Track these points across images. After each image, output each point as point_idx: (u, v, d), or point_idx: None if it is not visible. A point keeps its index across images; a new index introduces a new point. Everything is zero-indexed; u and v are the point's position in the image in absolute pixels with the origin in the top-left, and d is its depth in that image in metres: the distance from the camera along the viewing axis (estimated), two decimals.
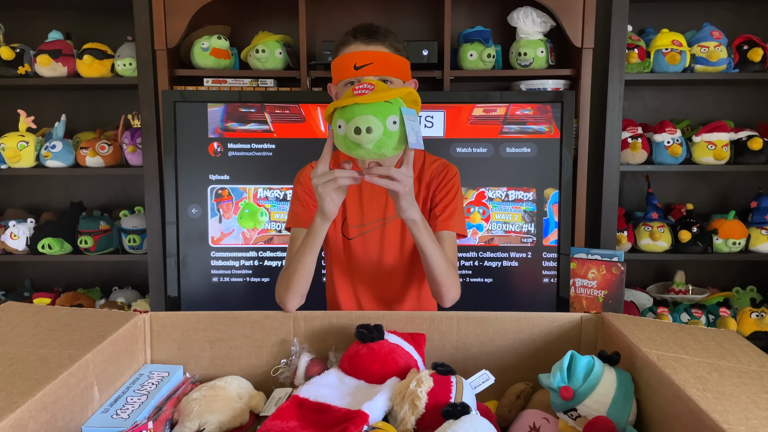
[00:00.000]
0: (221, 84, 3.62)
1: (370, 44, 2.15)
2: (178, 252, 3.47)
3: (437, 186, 2.36)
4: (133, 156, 3.72)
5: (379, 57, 2.13)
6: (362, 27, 2.19)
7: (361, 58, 2.12)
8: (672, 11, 4.02)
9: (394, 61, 2.16)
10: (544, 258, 3.47)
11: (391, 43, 2.18)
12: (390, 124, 1.73)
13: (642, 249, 3.82)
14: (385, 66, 2.14)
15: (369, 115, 1.71)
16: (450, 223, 2.30)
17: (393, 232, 2.37)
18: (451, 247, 2.27)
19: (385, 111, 1.74)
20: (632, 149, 3.69)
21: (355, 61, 2.12)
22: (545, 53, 3.62)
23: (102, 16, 4.02)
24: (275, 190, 3.45)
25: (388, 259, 2.37)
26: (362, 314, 1.84)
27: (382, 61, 2.13)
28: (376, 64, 2.12)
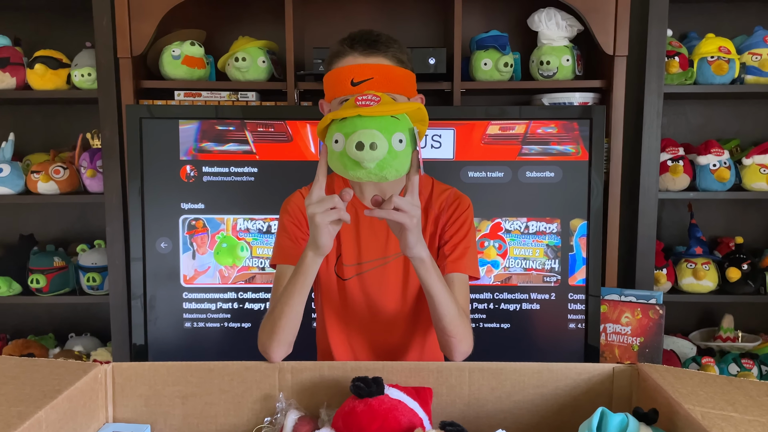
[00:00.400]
0: (195, 98, 3.62)
1: (370, 56, 2.12)
2: (144, 293, 3.45)
3: (447, 220, 2.34)
4: (92, 181, 3.71)
5: (381, 71, 2.10)
6: (360, 35, 2.17)
7: (360, 73, 2.09)
8: (719, 13, 4.02)
9: (398, 76, 2.14)
10: (569, 300, 3.45)
11: (394, 54, 2.16)
12: (396, 142, 1.74)
13: (684, 289, 3.81)
14: (388, 81, 2.11)
15: (373, 129, 1.72)
16: (461, 264, 2.28)
17: (395, 273, 2.35)
18: (462, 292, 2.25)
19: (392, 127, 1.75)
20: (672, 173, 3.69)
21: (352, 75, 2.09)
22: (571, 62, 3.63)
23: (56, 18, 4.03)
24: (258, 221, 3.45)
25: (388, 304, 2.35)
26: (358, 365, 1.83)
27: (384, 75, 2.11)
28: (376, 79, 2.08)
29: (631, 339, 3.10)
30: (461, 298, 2.22)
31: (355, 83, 2.07)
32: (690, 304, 4.15)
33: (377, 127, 1.72)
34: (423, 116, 1.88)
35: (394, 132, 1.74)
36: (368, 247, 2.35)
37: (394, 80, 2.13)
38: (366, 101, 1.74)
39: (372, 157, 1.71)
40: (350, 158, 1.73)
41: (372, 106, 1.74)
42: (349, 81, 2.08)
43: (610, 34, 3.48)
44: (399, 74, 2.14)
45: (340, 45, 2.17)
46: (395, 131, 1.75)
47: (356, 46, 2.13)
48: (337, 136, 1.76)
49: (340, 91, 2.10)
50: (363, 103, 1.74)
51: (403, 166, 1.79)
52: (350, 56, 2.13)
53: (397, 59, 2.16)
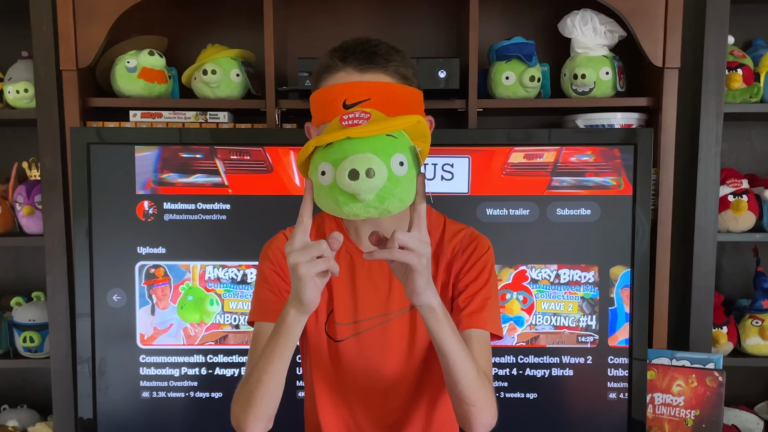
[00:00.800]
0: (154, 118, 3.58)
1: (367, 71, 2.04)
2: (93, 356, 3.39)
3: (462, 266, 2.29)
4: (29, 220, 3.69)
5: (379, 90, 2.03)
6: (355, 45, 2.09)
7: (354, 93, 2.01)
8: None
9: (401, 95, 2.07)
10: (610, 364, 3.41)
11: (396, 69, 2.08)
12: (396, 165, 1.71)
13: (748, 352, 3.77)
14: (388, 102, 2.02)
15: (368, 152, 1.67)
16: (480, 319, 2.22)
17: (399, 333, 2.30)
18: (482, 352, 2.19)
19: (389, 148, 1.72)
20: (735, 211, 3.65)
21: (344, 96, 2.01)
22: (612, 75, 3.58)
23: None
24: (231, 269, 3.40)
25: (390, 369, 2.30)
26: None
27: (383, 95, 2.03)
28: (374, 100, 2.00)
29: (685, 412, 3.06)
30: (482, 359, 2.17)
31: (349, 105, 2.00)
32: (756, 370, 4.11)
33: (372, 150, 1.68)
34: (424, 132, 1.84)
35: (393, 153, 1.71)
36: (366, 301, 2.30)
37: (395, 101, 2.05)
38: (354, 120, 1.70)
39: (370, 186, 1.66)
40: (343, 191, 1.69)
41: (362, 125, 1.70)
42: (341, 102, 2.01)
43: (659, 42, 3.44)
44: (402, 93, 2.08)
45: (331, 57, 2.10)
46: (394, 152, 1.71)
47: (350, 59, 2.06)
48: (324, 167, 1.71)
49: (331, 113, 2.01)
50: (350, 122, 1.70)
51: (407, 194, 1.75)
52: (343, 72, 2.06)
53: (400, 75, 2.09)
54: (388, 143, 1.70)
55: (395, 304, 2.27)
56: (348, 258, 2.28)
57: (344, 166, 1.65)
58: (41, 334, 3.73)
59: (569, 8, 3.62)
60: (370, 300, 2.29)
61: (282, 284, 2.25)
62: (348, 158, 1.66)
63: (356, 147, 1.67)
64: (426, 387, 2.32)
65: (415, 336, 2.28)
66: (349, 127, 1.67)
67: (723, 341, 3.71)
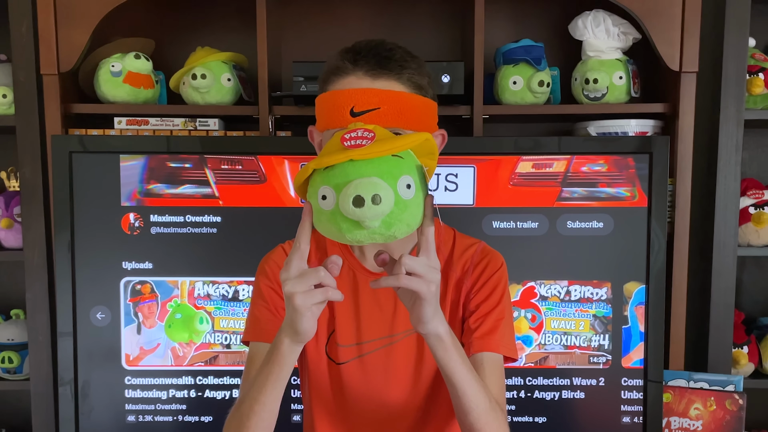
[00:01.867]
0: (140, 126, 3.57)
1: (379, 77, 1.98)
2: (75, 378, 3.38)
3: (473, 285, 2.26)
4: (7, 234, 3.71)
5: (391, 99, 1.96)
6: (368, 48, 2.04)
7: (364, 100, 1.94)
8: None
9: (414, 106, 2.01)
10: (623, 386, 3.40)
11: (410, 78, 2.01)
12: (403, 189, 1.66)
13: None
14: (399, 113, 1.97)
15: (373, 176, 1.62)
16: (492, 341, 2.18)
17: (405, 355, 2.26)
18: (495, 378, 2.15)
19: (396, 170, 1.67)
20: (756, 224, 3.66)
21: (353, 102, 1.95)
22: (626, 80, 3.58)
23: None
24: (222, 285, 3.39)
25: (395, 395, 2.27)
26: None
27: (395, 105, 1.96)
28: (384, 110, 1.94)
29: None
30: (494, 385, 2.12)
31: (357, 113, 1.94)
32: None
33: (377, 173, 1.63)
34: (431, 149, 1.80)
35: (400, 176, 1.66)
36: (370, 322, 2.27)
37: (407, 111, 1.99)
38: (356, 140, 1.65)
39: (375, 213, 1.61)
40: (346, 218, 1.63)
41: (366, 145, 1.64)
42: (348, 109, 1.95)
43: (676, 44, 3.43)
44: (415, 104, 2.01)
45: (341, 59, 2.03)
46: (401, 174, 1.66)
47: (361, 62, 1.99)
48: (325, 191, 1.66)
49: (337, 121, 1.97)
50: (353, 143, 1.65)
51: (414, 218, 1.71)
52: (353, 76, 2.00)
53: (414, 84, 2.03)
54: (395, 165, 1.66)
55: (401, 325, 2.24)
56: (351, 276, 2.25)
57: (348, 192, 1.61)
58: (20, 354, 3.74)
59: (581, 9, 3.62)
60: (374, 320, 2.26)
61: (279, 302, 2.20)
62: (352, 183, 1.61)
63: (360, 170, 1.63)
64: (433, 415, 2.29)
65: (422, 360, 2.25)
66: (352, 148, 1.63)
67: (744, 362, 3.70)
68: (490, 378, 2.10)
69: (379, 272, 2.19)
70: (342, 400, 2.28)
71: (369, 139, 1.65)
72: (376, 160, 1.64)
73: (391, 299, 2.23)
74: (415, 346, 2.24)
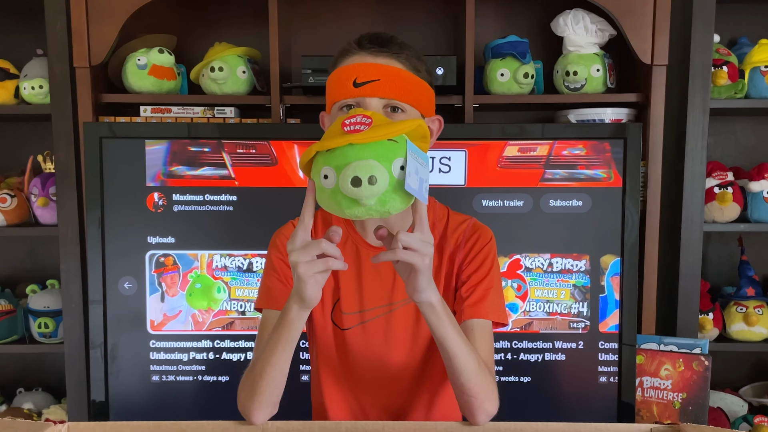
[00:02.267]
0: (164, 113, 3.59)
1: (380, 56, 2.05)
2: (105, 341, 3.40)
3: (465, 257, 2.28)
4: (44, 211, 3.70)
5: (389, 72, 2.03)
6: (372, 34, 2.11)
7: (365, 72, 2.02)
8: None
9: (410, 82, 2.07)
10: (600, 349, 3.43)
11: (408, 59, 2.08)
12: (397, 170, 1.67)
13: (733, 337, 3.79)
14: (396, 86, 2.04)
15: (369, 159, 1.64)
16: (483, 309, 2.20)
17: (403, 322, 2.28)
18: (484, 342, 2.17)
19: (390, 153, 1.67)
20: (720, 202, 3.66)
21: (355, 75, 2.02)
22: (602, 72, 3.60)
23: (3, 22, 4.00)
24: (237, 257, 3.41)
25: (394, 357, 2.29)
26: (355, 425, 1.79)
27: (393, 78, 2.03)
28: (384, 81, 2.02)
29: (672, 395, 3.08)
30: (483, 349, 2.14)
31: (358, 84, 2.01)
32: (741, 354, 4.14)
33: (373, 156, 1.64)
34: (424, 133, 1.81)
35: (394, 158, 1.67)
36: (372, 291, 2.29)
37: (404, 85, 2.05)
38: (355, 125, 1.66)
39: (371, 192, 1.63)
40: (345, 196, 1.65)
41: (363, 131, 1.65)
42: (351, 81, 2.02)
43: (648, 40, 3.46)
44: (411, 81, 2.07)
45: (348, 44, 2.11)
46: (395, 157, 1.67)
47: (365, 44, 2.06)
48: (327, 171, 1.67)
49: (342, 93, 2.05)
50: (352, 128, 1.65)
51: (408, 196, 1.71)
52: (357, 55, 2.06)
53: (411, 65, 2.08)
54: (389, 148, 1.67)
55: (399, 294, 2.26)
56: (354, 249, 2.27)
57: (347, 173, 1.63)
58: (55, 320, 3.74)
59: (562, 8, 3.64)
60: (375, 290, 2.28)
61: (289, 273, 2.14)
62: (350, 165, 1.63)
63: (358, 153, 1.64)
64: (429, 376, 2.31)
65: (419, 326, 2.26)
66: (351, 133, 1.64)
67: (709, 327, 3.72)
68: (480, 342, 2.12)
69: (379, 246, 2.18)
70: (346, 362, 2.30)
71: (367, 124, 1.66)
72: (373, 144, 1.64)
73: (390, 271, 2.25)
74: (413, 314, 2.26)
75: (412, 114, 2.08)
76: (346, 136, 1.64)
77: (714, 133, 4.01)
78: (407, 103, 2.05)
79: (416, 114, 2.10)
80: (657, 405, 3.08)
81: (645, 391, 3.11)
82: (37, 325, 3.76)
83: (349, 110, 1.88)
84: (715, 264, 4.14)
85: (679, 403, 3.08)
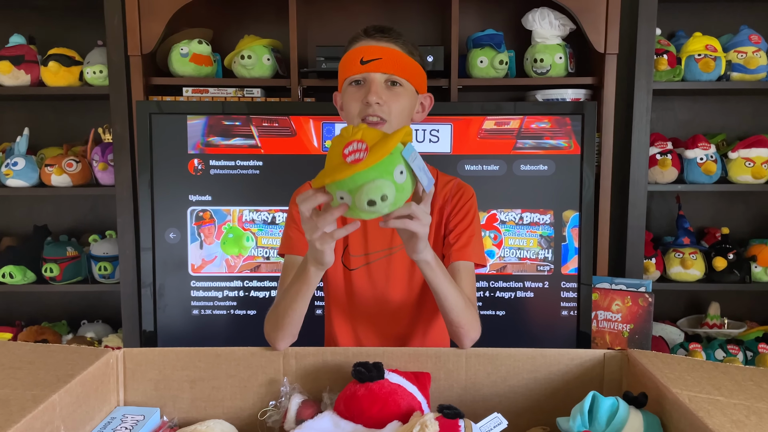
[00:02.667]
0: (202, 94, 3.63)
1: (381, 40, 2.14)
2: (154, 281, 3.46)
3: (451, 210, 2.33)
4: (103, 174, 3.72)
5: (389, 53, 2.12)
6: (375, 25, 2.19)
7: (370, 52, 2.11)
8: (706, 12, 4.01)
9: (406, 62, 2.15)
10: (562, 288, 3.47)
11: (404, 44, 2.17)
12: (398, 176, 1.63)
13: (672, 278, 3.81)
14: (395, 63, 2.12)
15: (376, 179, 1.59)
16: (467, 252, 2.25)
17: (400, 263, 2.33)
18: (468, 281, 2.22)
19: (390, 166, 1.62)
20: (661, 167, 3.69)
21: (362, 55, 2.11)
22: (564, 59, 3.63)
23: (69, 18, 4.02)
24: (263, 212, 3.45)
25: (394, 293, 2.33)
26: (360, 351, 1.81)
27: (392, 57, 2.12)
28: (385, 59, 2.11)
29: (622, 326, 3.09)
30: (467, 286, 2.19)
31: (365, 61, 2.10)
32: (678, 293, 4.17)
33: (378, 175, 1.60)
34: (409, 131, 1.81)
35: (394, 168, 1.62)
36: (375, 237, 2.34)
37: (401, 63, 2.14)
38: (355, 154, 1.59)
39: (385, 206, 1.59)
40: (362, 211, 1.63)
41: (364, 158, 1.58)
42: (359, 60, 2.11)
43: (601, 32, 3.48)
44: (407, 61, 2.15)
45: (356, 33, 2.21)
46: (394, 167, 1.62)
47: (370, 31, 2.16)
48: (341, 194, 1.64)
49: (351, 70, 2.13)
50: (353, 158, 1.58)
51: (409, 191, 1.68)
52: (363, 40, 2.16)
53: (407, 49, 2.17)
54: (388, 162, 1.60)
55: (398, 239, 2.27)
56: None
57: (360, 197, 1.58)
58: (113, 264, 3.78)
59: (531, 6, 3.65)
60: (377, 237, 2.32)
61: None
62: (362, 189, 1.58)
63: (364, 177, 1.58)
64: (423, 311, 2.35)
65: (415, 267, 2.29)
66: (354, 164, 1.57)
67: (652, 270, 3.75)
68: (465, 281, 2.17)
69: None
70: (353, 299, 2.34)
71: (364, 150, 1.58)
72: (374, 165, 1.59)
73: None
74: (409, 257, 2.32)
75: (408, 88, 2.16)
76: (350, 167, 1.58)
77: (656, 110, 4.03)
78: (404, 78, 2.12)
79: (411, 89, 2.17)
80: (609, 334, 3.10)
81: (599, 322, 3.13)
82: (97, 268, 3.79)
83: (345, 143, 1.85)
84: (657, 218, 4.16)
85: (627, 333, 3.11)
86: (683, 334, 3.94)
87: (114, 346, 1.71)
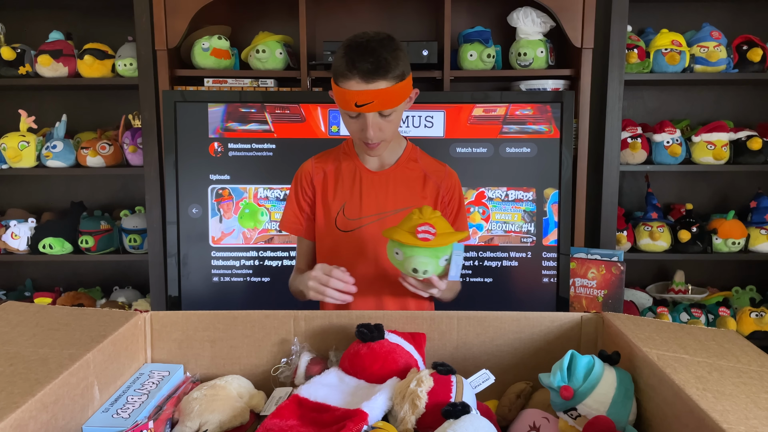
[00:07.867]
0: (221, 84, 3.61)
1: (371, 81, 2.07)
2: (178, 252, 3.46)
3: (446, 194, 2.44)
4: (133, 156, 3.71)
5: (380, 95, 2.09)
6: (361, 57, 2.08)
7: (362, 98, 2.09)
8: (671, 11, 4.01)
9: (396, 94, 2.13)
10: (543, 258, 3.47)
11: (393, 75, 2.10)
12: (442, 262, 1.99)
13: (641, 249, 3.81)
14: (386, 102, 2.12)
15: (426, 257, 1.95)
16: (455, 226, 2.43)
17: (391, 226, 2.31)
18: None
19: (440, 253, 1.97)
20: (632, 149, 3.69)
21: (356, 99, 2.09)
22: (545, 53, 3.62)
23: (103, 16, 4.02)
24: (275, 189, 3.44)
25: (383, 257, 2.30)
26: (362, 314, 1.82)
27: (383, 98, 2.10)
28: (377, 102, 2.10)
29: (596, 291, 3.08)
30: None
31: (359, 105, 2.10)
32: (647, 262, 4.17)
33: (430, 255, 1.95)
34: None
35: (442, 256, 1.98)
36: (368, 203, 2.37)
37: (392, 98, 2.13)
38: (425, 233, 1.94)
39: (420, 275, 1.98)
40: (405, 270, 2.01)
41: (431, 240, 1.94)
42: (353, 103, 2.11)
43: (578, 29, 3.47)
44: (397, 90, 2.13)
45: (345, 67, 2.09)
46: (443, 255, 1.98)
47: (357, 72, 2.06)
48: (398, 250, 2.00)
49: (347, 106, 2.14)
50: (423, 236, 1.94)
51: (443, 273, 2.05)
52: (353, 80, 2.08)
53: (397, 77, 2.11)
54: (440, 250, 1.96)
55: (390, 205, 2.34)
56: (358, 174, 2.37)
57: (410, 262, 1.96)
58: (142, 236, 3.79)
59: (515, 5, 3.65)
60: (371, 202, 2.35)
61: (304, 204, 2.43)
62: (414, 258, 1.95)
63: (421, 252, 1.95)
64: None
65: None
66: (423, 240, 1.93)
67: (624, 241, 3.75)
68: None
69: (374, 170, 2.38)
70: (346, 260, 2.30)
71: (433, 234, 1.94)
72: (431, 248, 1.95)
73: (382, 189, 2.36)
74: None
75: (399, 108, 2.21)
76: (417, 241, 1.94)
77: (627, 98, 4.03)
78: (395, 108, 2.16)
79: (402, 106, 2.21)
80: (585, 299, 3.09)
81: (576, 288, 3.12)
82: (128, 240, 3.80)
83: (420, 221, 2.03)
84: (628, 195, 4.16)
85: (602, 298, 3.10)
86: (651, 299, 3.95)
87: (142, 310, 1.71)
